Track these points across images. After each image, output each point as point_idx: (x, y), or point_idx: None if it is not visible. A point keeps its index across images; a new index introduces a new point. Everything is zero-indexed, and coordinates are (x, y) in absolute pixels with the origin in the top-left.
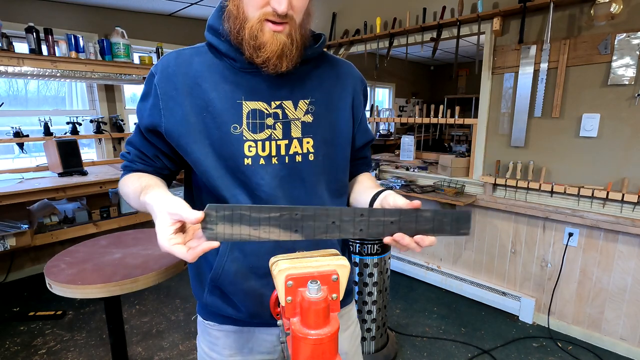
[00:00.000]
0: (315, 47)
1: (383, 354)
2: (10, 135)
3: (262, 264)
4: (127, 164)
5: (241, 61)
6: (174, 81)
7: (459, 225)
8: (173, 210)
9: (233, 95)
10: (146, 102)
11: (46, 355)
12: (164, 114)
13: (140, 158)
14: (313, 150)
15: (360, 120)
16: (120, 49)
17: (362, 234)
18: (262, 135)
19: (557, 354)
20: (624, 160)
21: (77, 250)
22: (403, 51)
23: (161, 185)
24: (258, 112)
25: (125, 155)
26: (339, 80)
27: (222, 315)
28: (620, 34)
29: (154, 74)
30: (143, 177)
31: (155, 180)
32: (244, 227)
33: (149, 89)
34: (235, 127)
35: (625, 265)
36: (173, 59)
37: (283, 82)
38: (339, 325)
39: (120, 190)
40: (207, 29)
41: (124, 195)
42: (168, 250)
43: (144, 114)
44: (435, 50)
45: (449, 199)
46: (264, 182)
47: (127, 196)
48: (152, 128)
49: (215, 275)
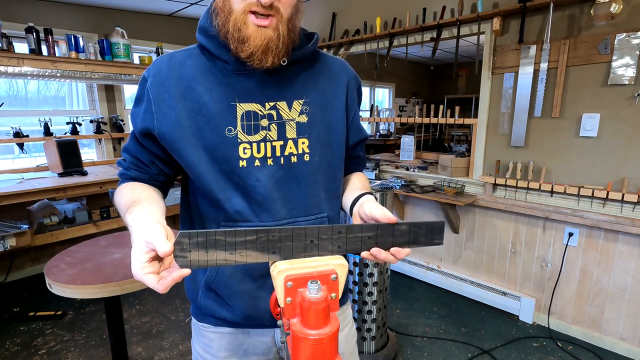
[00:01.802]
0: (308, 47)
1: (383, 354)
2: (10, 136)
3: (257, 266)
4: (123, 171)
5: (233, 63)
6: (166, 85)
7: (433, 236)
8: (148, 239)
9: (227, 97)
10: (139, 106)
11: (46, 355)
12: (157, 118)
13: (136, 165)
14: (309, 151)
15: (353, 118)
16: (120, 49)
17: (340, 250)
18: (256, 137)
19: (557, 353)
20: (624, 160)
21: (77, 250)
22: (403, 51)
23: (151, 201)
24: (252, 113)
25: (121, 163)
26: (333, 79)
27: (216, 317)
28: (620, 33)
29: (146, 78)
30: (136, 190)
31: (147, 193)
32: (219, 253)
33: (142, 94)
34: (229, 129)
35: (625, 265)
36: (165, 63)
37: (277, 83)
38: (339, 325)
39: (115, 202)
40: (198, 30)
41: (117, 208)
42: (140, 279)
43: (137, 118)
44: (435, 50)
45: (449, 199)
46: (260, 183)
47: (119, 209)
48: (146, 132)
49: (209, 277)
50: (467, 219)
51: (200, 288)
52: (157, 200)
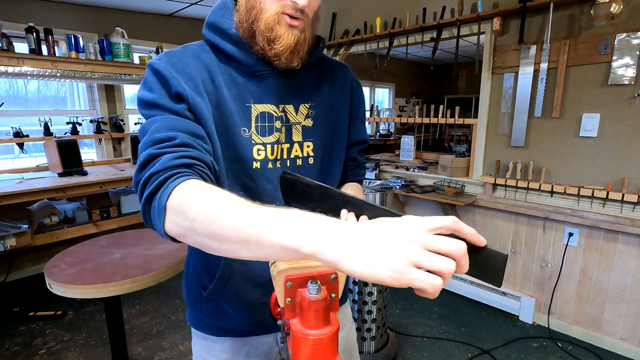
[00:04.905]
0: (317, 52)
1: (383, 354)
2: (10, 135)
3: (265, 271)
4: (172, 159)
5: (248, 64)
6: (186, 71)
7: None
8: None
9: (242, 97)
10: (155, 84)
11: (46, 355)
12: (187, 89)
13: (186, 143)
14: (313, 154)
15: (353, 121)
16: (120, 49)
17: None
18: (271, 139)
19: (557, 354)
20: (624, 160)
21: (77, 250)
22: (403, 51)
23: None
24: (267, 115)
25: (160, 150)
26: (337, 83)
27: (219, 327)
28: (620, 34)
29: (157, 69)
30: (220, 189)
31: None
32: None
33: (155, 77)
34: (244, 130)
35: (625, 265)
36: (180, 52)
37: (287, 86)
38: (339, 325)
39: (191, 211)
40: (209, 27)
41: (203, 219)
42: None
43: (162, 86)
44: (435, 50)
45: (449, 199)
46: (271, 186)
47: (215, 219)
48: (179, 95)
49: (216, 289)
50: (467, 219)
51: (199, 297)
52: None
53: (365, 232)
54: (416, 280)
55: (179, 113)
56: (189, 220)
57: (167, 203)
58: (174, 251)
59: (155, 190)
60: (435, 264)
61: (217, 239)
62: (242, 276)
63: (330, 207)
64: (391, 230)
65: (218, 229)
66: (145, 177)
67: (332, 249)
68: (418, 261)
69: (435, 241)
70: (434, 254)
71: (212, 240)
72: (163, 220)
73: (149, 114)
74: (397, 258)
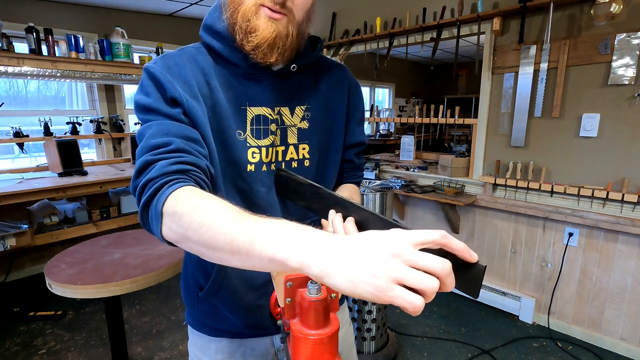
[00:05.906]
0: (314, 53)
1: (383, 354)
2: (10, 135)
3: (258, 274)
4: (166, 165)
5: (243, 67)
6: (182, 74)
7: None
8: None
9: (237, 100)
10: (151, 88)
11: (46, 355)
12: (182, 93)
13: (182, 147)
14: (309, 157)
15: (350, 122)
16: (120, 49)
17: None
18: (265, 142)
19: (557, 354)
20: (624, 160)
21: (77, 250)
22: (403, 51)
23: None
24: (262, 117)
25: (151, 158)
26: (335, 84)
27: (215, 328)
28: (620, 34)
29: (152, 73)
30: (214, 197)
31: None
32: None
33: (151, 77)
34: (239, 132)
35: (625, 265)
36: (176, 55)
37: (285, 88)
38: (338, 325)
39: (185, 219)
40: (205, 29)
41: (196, 227)
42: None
43: (158, 90)
44: (435, 50)
45: (448, 199)
46: (265, 188)
47: (207, 227)
48: (174, 101)
49: (211, 289)
50: (467, 219)
51: (196, 297)
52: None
53: (350, 246)
54: (397, 299)
55: (175, 117)
56: (183, 227)
57: (162, 209)
58: (174, 251)
59: (151, 196)
60: (418, 282)
61: (210, 248)
62: (237, 279)
63: (320, 206)
64: (375, 244)
65: (210, 238)
66: (142, 184)
67: (317, 263)
68: (400, 278)
69: (420, 258)
70: (417, 272)
71: (205, 248)
72: (160, 226)
73: (145, 119)
74: (378, 274)
